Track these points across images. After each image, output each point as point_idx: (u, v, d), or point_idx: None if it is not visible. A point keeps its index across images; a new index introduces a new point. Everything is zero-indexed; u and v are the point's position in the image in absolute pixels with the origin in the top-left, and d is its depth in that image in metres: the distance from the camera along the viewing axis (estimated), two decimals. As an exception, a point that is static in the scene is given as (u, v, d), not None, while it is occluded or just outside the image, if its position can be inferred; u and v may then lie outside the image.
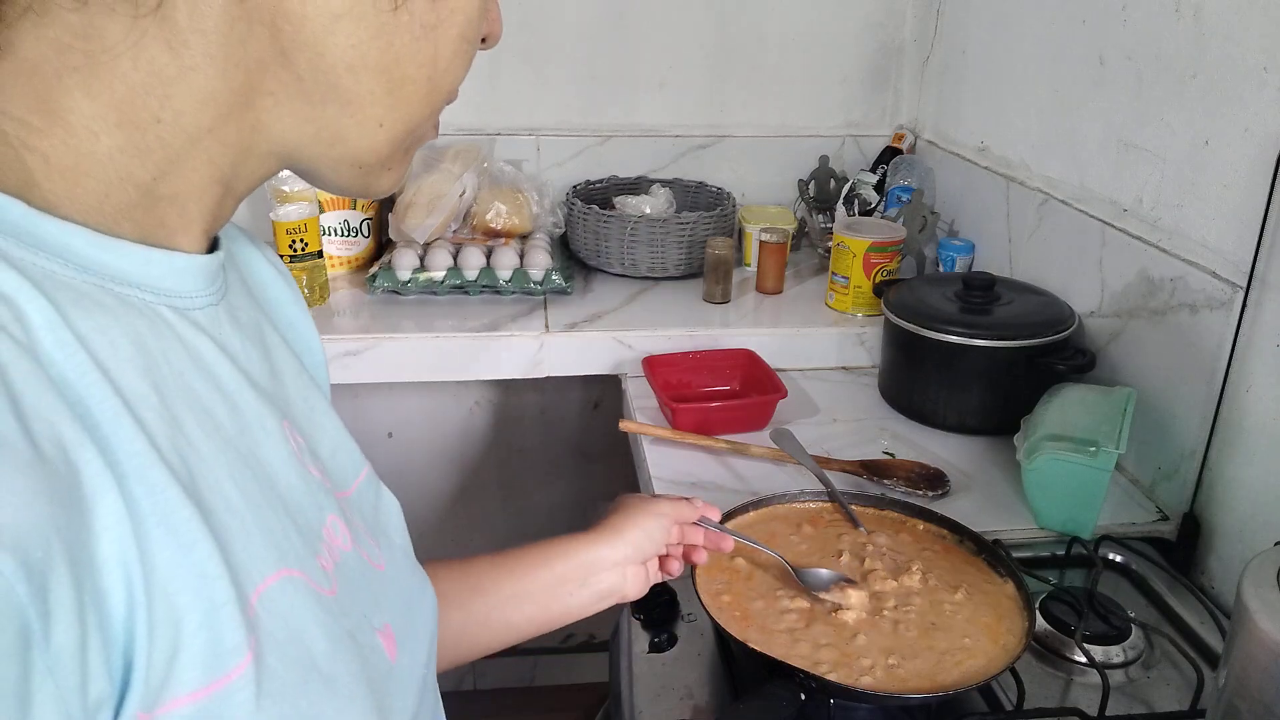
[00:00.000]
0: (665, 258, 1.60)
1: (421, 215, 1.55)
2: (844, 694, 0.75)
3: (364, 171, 0.50)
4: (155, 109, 0.42)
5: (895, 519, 0.99)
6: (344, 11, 0.44)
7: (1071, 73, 1.31)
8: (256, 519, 0.44)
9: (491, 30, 0.53)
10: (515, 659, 2.16)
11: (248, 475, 0.45)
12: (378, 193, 0.53)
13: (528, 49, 1.74)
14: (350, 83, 0.46)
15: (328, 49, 0.44)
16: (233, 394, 0.47)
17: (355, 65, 0.45)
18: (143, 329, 0.42)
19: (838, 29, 1.80)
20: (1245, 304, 0.99)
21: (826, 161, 1.81)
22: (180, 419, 0.42)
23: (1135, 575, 1.04)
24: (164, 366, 0.43)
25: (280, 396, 0.52)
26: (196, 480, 0.41)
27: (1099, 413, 1.08)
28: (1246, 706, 0.64)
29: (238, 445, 0.45)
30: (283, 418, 0.50)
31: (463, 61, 0.50)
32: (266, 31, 0.43)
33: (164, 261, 0.44)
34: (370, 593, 0.53)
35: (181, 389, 0.43)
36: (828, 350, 1.49)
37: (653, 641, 0.90)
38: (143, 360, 0.41)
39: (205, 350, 0.46)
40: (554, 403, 1.93)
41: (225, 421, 0.45)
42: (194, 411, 0.43)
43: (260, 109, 0.45)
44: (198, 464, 0.42)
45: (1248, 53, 0.99)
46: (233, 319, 0.50)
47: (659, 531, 0.81)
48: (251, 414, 0.48)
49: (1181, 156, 1.09)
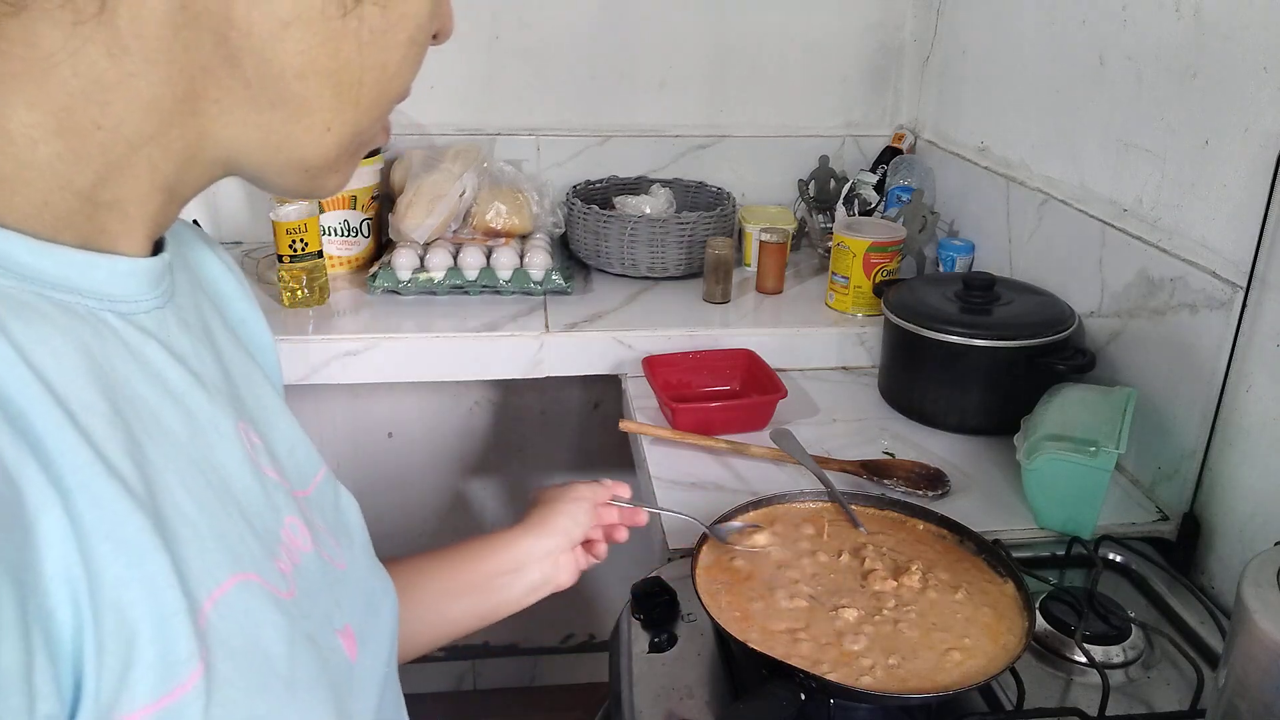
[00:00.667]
0: (665, 258, 1.60)
1: (421, 215, 1.55)
2: (844, 694, 0.75)
3: (310, 175, 0.50)
4: (96, 116, 0.41)
5: (895, 519, 0.99)
6: (292, 18, 0.43)
7: (1071, 73, 1.31)
8: (210, 525, 0.44)
9: (443, 27, 0.52)
10: (515, 659, 2.16)
11: (201, 480, 0.45)
12: (323, 194, 0.52)
13: (528, 49, 1.74)
14: (298, 89, 0.45)
15: (275, 55, 0.44)
16: (183, 397, 0.46)
17: (304, 71, 0.45)
18: (87, 336, 0.42)
19: (837, 29, 1.80)
20: (1245, 304, 0.99)
21: (826, 161, 1.81)
22: (129, 425, 0.41)
23: (1135, 575, 1.04)
24: (111, 373, 0.42)
25: (234, 397, 0.52)
26: (148, 488, 0.41)
27: (1099, 413, 1.08)
28: (1246, 706, 0.64)
29: (190, 450, 0.45)
30: (237, 419, 0.50)
31: (412, 65, 0.50)
32: (212, 38, 0.42)
33: (106, 266, 0.43)
34: (331, 594, 0.53)
35: (129, 395, 0.43)
36: (828, 350, 1.49)
37: (653, 641, 0.90)
38: (88, 368, 0.41)
39: (153, 355, 0.45)
40: (554, 403, 1.93)
41: (176, 426, 0.45)
42: (143, 418, 0.43)
43: (206, 116, 0.44)
44: (149, 471, 0.41)
45: (1248, 53, 0.99)
46: (181, 321, 0.49)
47: (583, 515, 0.84)
48: (204, 417, 0.47)
49: (1181, 156, 1.09)
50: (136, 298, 0.45)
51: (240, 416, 0.51)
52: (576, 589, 0.86)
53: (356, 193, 1.60)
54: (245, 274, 0.77)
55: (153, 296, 0.46)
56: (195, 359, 0.49)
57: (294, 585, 0.48)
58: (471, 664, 2.14)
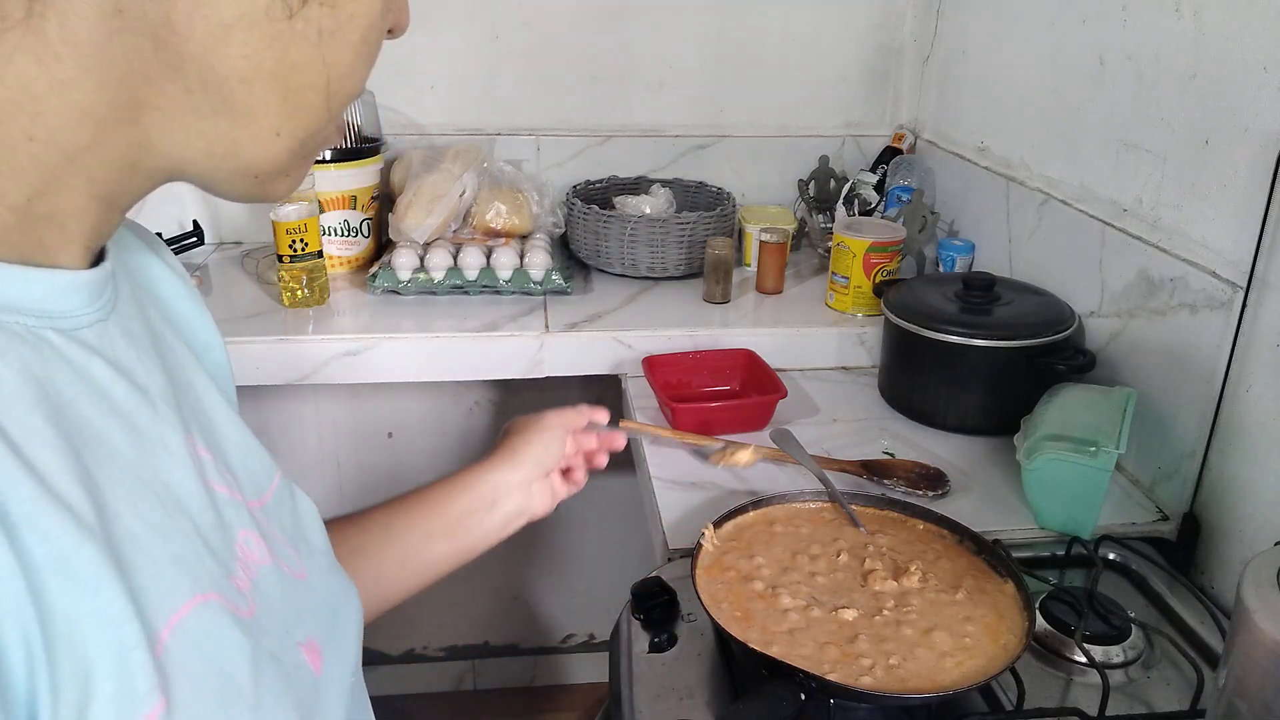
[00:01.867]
0: (665, 258, 1.60)
1: (421, 215, 1.55)
2: (844, 694, 0.75)
3: (259, 181, 0.48)
4: (26, 126, 0.39)
5: (895, 519, 0.99)
6: (235, 20, 0.41)
7: (1071, 73, 1.31)
8: (165, 546, 0.42)
9: (398, 21, 0.50)
10: (515, 659, 2.16)
11: (152, 500, 0.43)
12: (274, 199, 0.51)
13: (528, 49, 1.74)
14: (244, 94, 0.43)
15: (218, 60, 0.42)
16: (130, 415, 0.45)
17: (248, 76, 0.43)
18: (28, 357, 0.40)
19: (837, 29, 1.80)
20: (1245, 304, 0.99)
21: (826, 161, 1.81)
22: (77, 451, 0.40)
23: (1135, 575, 1.04)
24: (55, 396, 0.40)
25: (181, 408, 0.50)
26: (99, 514, 0.39)
27: (1099, 413, 1.08)
28: (1246, 706, 0.64)
29: (138, 471, 0.44)
30: (186, 432, 0.48)
31: (365, 64, 0.48)
32: (149, 43, 0.40)
33: (45, 281, 0.41)
34: (292, 606, 0.52)
35: (74, 418, 0.41)
36: (828, 350, 1.49)
37: (653, 641, 0.90)
38: (30, 392, 0.39)
39: (97, 371, 0.44)
40: (554, 403, 1.91)
41: (123, 447, 0.43)
42: (89, 441, 0.41)
43: (146, 124, 0.42)
44: (99, 497, 0.40)
45: (1248, 53, 0.99)
46: (125, 332, 0.47)
47: (554, 444, 0.84)
48: (152, 434, 0.46)
49: (1181, 156, 1.09)
50: (78, 312, 0.43)
51: (188, 429, 0.49)
52: (577, 589, 0.86)
53: (356, 193, 1.60)
54: (245, 274, 0.80)
55: (94, 309, 0.45)
56: (141, 372, 0.47)
57: (253, 602, 0.47)
58: (471, 664, 2.14)
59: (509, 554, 2.05)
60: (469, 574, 2.06)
